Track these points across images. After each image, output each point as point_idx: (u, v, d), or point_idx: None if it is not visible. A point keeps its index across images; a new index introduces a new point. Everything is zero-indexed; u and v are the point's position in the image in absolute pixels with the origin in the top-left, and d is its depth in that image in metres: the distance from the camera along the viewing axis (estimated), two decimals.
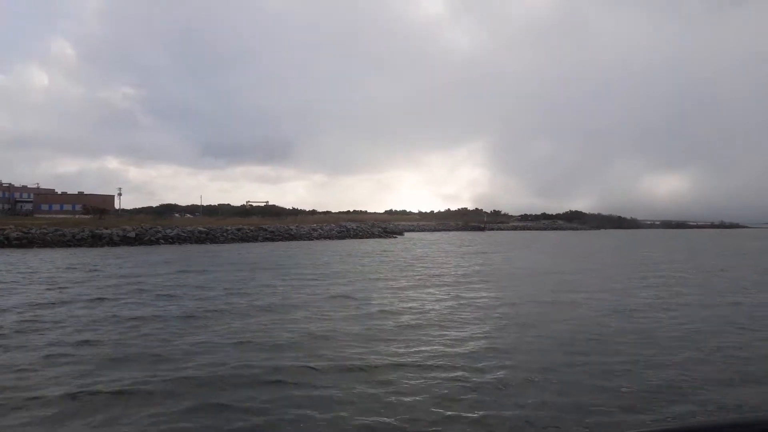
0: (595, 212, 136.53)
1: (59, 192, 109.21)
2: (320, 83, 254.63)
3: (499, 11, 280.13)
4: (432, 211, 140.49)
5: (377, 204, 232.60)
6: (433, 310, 12.59)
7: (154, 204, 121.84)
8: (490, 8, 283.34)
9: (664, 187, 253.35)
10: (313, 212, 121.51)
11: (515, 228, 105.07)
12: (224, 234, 47.21)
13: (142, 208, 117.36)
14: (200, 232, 46.31)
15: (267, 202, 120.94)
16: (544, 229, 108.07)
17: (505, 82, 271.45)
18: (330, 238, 53.89)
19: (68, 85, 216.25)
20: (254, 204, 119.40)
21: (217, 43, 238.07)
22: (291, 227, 54.19)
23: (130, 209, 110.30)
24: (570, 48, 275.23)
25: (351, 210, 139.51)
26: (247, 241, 47.35)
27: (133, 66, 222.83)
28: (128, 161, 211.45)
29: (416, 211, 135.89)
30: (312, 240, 51.26)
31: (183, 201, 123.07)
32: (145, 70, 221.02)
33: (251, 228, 50.51)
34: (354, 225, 62.88)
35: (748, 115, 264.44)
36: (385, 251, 36.49)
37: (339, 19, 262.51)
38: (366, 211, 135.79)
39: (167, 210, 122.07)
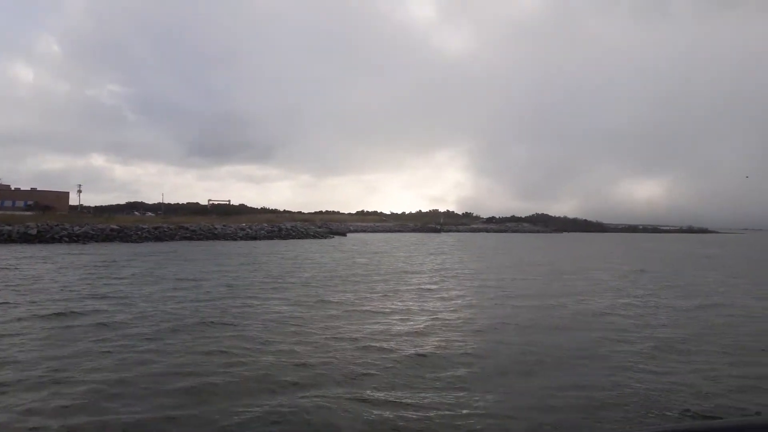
0: (575, 216, 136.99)
1: (13, 188, 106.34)
2: (308, 84, 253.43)
3: (487, 13, 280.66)
4: (404, 212, 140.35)
5: (365, 205, 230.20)
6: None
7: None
8: (478, 10, 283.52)
9: (642, 192, 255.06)
10: (285, 212, 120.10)
11: (474, 230, 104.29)
12: (138, 233, 45.55)
13: (108, 206, 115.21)
14: (112, 230, 44.61)
15: (229, 201, 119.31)
16: (505, 231, 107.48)
17: (491, 84, 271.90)
18: (256, 238, 52.40)
19: (54, 82, 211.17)
20: (217, 202, 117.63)
21: (205, 42, 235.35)
22: (216, 226, 52.63)
23: (95, 206, 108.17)
24: (558, 50, 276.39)
25: (325, 210, 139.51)
26: (164, 240, 45.73)
27: (120, 63, 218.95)
28: (114, 159, 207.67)
29: (396, 212, 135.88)
30: (235, 240, 49.74)
31: (168, 199, 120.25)
32: (132, 67, 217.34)
33: (170, 226, 48.88)
34: (289, 225, 61.48)
35: (723, 121, 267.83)
36: (272, 253, 35.27)
37: (327, 20, 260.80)
38: (339, 212, 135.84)
39: (132, 207, 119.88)
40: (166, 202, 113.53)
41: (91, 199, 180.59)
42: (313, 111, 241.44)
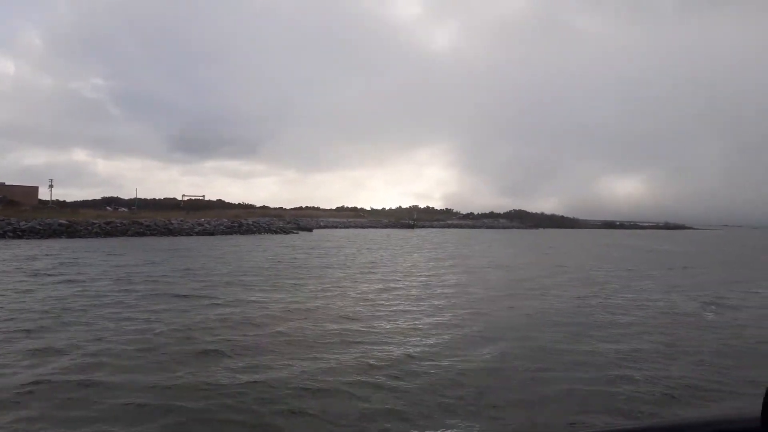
0: (558, 212, 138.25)
1: None
2: (294, 81, 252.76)
3: (474, 12, 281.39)
4: (384, 209, 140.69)
5: (351, 201, 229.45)
6: None
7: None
8: (464, 9, 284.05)
9: (624, 189, 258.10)
10: (260, 208, 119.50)
11: (449, 226, 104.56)
12: (88, 228, 44.88)
13: (83, 201, 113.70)
14: (60, 224, 43.91)
15: (203, 196, 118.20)
16: (480, 227, 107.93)
17: (476, 81, 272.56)
18: (214, 233, 51.93)
19: (36, 75, 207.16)
20: (193, 198, 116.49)
21: (190, 37, 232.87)
22: (172, 221, 52.07)
23: (71, 202, 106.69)
24: (543, 49, 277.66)
25: (305, 206, 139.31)
26: (114, 236, 45.10)
27: (104, 56, 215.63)
28: (97, 153, 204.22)
29: (378, 208, 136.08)
30: (190, 236, 49.25)
31: (152, 195, 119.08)
32: (116, 60, 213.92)
33: (123, 222, 48.26)
34: (250, 221, 61.03)
35: (701, 121, 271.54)
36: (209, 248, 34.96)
37: (314, 18, 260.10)
38: (320, 208, 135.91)
39: (107, 203, 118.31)
40: (149, 197, 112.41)
41: (74, 194, 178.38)
42: (298, 108, 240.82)
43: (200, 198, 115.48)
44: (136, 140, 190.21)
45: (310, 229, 70.00)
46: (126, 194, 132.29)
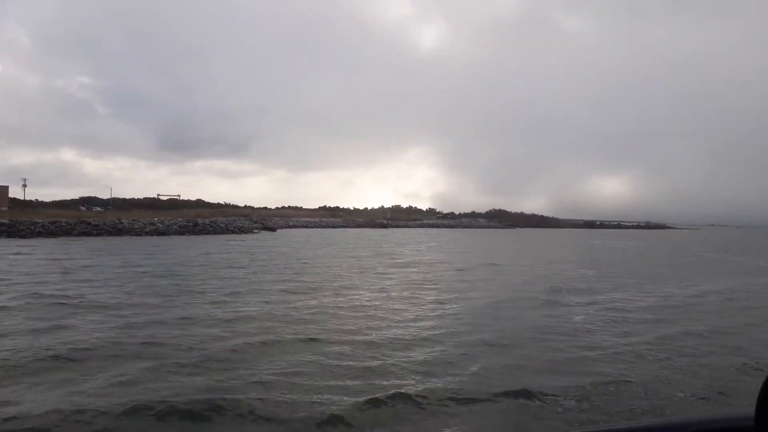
0: (543, 212, 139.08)
1: None
2: (283, 81, 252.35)
3: (462, 11, 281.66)
4: (366, 208, 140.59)
5: (341, 201, 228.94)
6: None
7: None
8: (453, 8, 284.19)
9: (608, 189, 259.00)
10: (246, 207, 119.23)
11: (425, 225, 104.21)
12: (31, 228, 44.14)
13: (61, 200, 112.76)
14: (0, 224, 43.17)
15: (179, 195, 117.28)
16: (457, 227, 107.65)
17: (464, 81, 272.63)
18: (165, 233, 51.27)
19: (22, 73, 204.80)
20: (166, 197, 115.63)
21: (179, 36, 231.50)
22: (122, 221, 51.39)
23: (49, 202, 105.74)
24: (533, 47, 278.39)
25: (287, 206, 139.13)
26: (58, 235, 44.35)
27: (92, 54, 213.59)
28: (85, 153, 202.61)
29: (365, 207, 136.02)
30: (140, 236, 48.59)
31: (142, 195, 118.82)
32: (103, 59, 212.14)
33: (69, 221, 47.56)
34: (207, 220, 60.43)
35: (682, 122, 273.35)
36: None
37: (304, 17, 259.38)
38: (301, 207, 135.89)
39: (85, 202, 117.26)
40: (131, 197, 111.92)
41: (61, 193, 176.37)
42: (288, 107, 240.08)
43: (176, 197, 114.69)
44: (125, 139, 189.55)
45: (273, 229, 69.47)
46: (114, 194, 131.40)
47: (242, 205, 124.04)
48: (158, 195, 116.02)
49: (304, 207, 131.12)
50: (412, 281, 18.90)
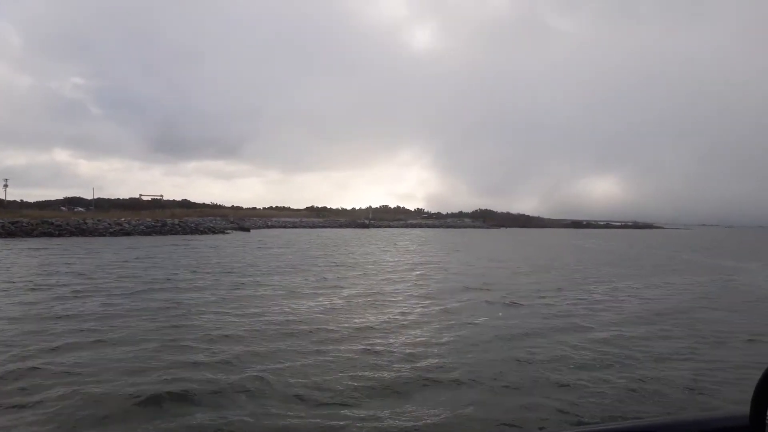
0: (533, 213, 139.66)
1: None
2: (277, 83, 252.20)
3: (456, 13, 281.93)
4: (353, 208, 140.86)
5: (335, 201, 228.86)
6: None
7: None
8: (447, 9, 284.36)
9: (600, 189, 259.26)
10: (232, 207, 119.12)
11: (409, 225, 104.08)
12: None
13: (45, 201, 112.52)
14: None
15: (161, 195, 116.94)
16: (440, 227, 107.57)
17: (457, 82, 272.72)
18: (131, 234, 50.99)
19: (15, 74, 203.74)
20: (149, 197, 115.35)
21: (173, 38, 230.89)
22: (87, 221, 51.08)
23: (33, 202, 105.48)
24: (526, 49, 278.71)
25: (275, 207, 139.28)
26: (17, 236, 44.01)
27: (85, 55, 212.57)
28: (79, 154, 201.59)
29: (347, 208, 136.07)
30: (104, 236, 48.28)
31: (134, 195, 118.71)
32: (96, 60, 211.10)
33: (30, 221, 47.21)
34: (176, 221, 60.12)
35: (677, 121, 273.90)
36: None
37: (297, 19, 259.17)
38: (290, 208, 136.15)
39: (70, 203, 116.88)
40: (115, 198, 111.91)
41: (55, 194, 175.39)
42: (281, 108, 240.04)
43: (158, 198, 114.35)
44: (118, 140, 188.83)
45: (248, 230, 69.20)
46: (107, 194, 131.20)
47: (233, 205, 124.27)
48: (140, 195, 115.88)
49: (292, 207, 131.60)
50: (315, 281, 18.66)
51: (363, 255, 33.45)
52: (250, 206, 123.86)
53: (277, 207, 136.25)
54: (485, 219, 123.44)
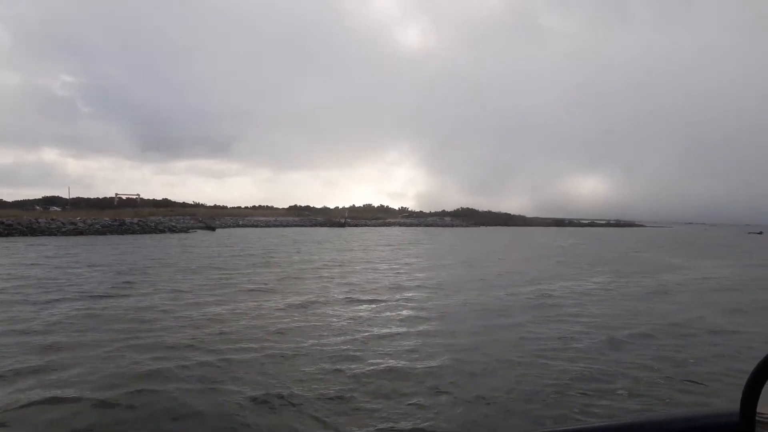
0: (523, 211, 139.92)
1: None
2: (267, 82, 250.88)
3: (447, 11, 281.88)
4: (338, 207, 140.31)
5: (326, 201, 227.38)
6: None
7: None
8: (438, 8, 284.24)
9: (585, 188, 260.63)
10: (215, 207, 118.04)
11: (387, 224, 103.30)
12: None
13: (23, 201, 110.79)
14: None
15: (138, 195, 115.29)
16: (419, 225, 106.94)
17: (448, 81, 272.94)
18: (84, 233, 49.79)
19: (2, 72, 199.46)
20: (125, 196, 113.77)
21: (163, 36, 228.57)
22: (40, 220, 49.86)
23: (12, 201, 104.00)
24: (515, 47, 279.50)
25: (258, 206, 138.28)
26: None
27: (74, 53, 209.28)
28: (67, 153, 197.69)
29: (331, 207, 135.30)
30: (56, 236, 47.08)
31: (123, 193, 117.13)
32: (86, 58, 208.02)
33: None
34: (136, 220, 58.96)
35: (661, 121, 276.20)
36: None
37: (288, 19, 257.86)
38: (272, 207, 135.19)
39: (49, 202, 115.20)
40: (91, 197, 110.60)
41: (39, 193, 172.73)
42: (272, 108, 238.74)
43: (134, 197, 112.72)
44: (107, 139, 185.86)
45: (213, 228, 68.17)
46: (96, 193, 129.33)
47: (216, 204, 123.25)
48: (116, 194, 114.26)
49: (275, 207, 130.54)
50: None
51: (308, 253, 32.75)
52: (236, 205, 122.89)
53: (260, 206, 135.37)
54: (465, 218, 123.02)
